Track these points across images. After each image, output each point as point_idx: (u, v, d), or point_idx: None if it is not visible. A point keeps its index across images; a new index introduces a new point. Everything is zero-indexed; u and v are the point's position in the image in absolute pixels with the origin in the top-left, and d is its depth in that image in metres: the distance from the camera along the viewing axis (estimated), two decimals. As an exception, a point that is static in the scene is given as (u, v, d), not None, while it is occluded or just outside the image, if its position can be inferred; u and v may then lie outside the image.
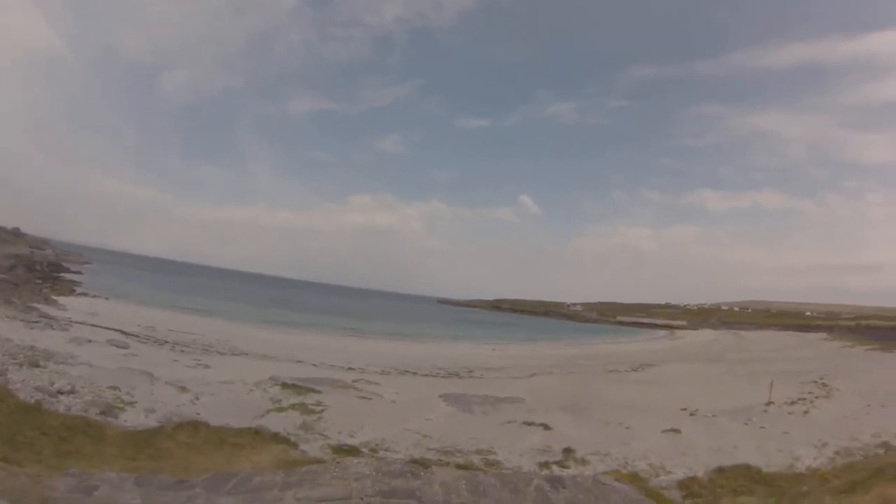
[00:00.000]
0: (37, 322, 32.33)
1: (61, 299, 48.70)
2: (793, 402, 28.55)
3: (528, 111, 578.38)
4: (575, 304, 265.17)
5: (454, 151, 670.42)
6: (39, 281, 61.73)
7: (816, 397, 30.09)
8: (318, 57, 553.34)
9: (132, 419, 16.07)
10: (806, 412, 26.34)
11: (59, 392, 16.79)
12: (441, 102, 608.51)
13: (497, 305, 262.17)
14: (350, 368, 35.70)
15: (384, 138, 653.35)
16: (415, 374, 37.36)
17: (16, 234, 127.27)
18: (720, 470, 16.10)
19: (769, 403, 28.13)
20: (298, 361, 35.98)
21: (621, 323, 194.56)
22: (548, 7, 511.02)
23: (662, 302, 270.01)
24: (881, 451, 18.84)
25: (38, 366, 20.16)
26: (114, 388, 19.60)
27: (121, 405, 17.51)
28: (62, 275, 79.11)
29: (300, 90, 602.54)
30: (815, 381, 36.10)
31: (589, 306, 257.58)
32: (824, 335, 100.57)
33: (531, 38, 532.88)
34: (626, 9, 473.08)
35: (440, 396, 27.95)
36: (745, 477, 15.34)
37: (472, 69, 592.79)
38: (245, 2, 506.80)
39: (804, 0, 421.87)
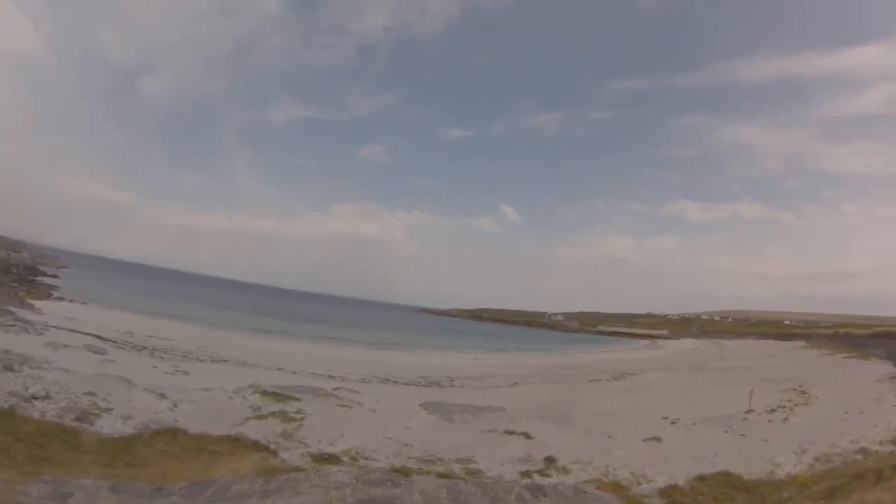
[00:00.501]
0: (12, 326, 31.72)
1: (37, 303, 47.87)
2: (772, 410, 28.86)
3: (512, 121, 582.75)
4: (556, 314, 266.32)
5: (437, 161, 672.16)
6: (15, 284, 60.75)
7: (796, 405, 30.42)
8: (302, 63, 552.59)
9: (109, 426, 15.79)
10: (785, 419, 26.62)
11: (34, 397, 16.47)
12: (425, 112, 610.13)
13: (478, 315, 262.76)
14: (331, 376, 35.48)
15: (367, 147, 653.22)
16: (395, 382, 37.20)
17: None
18: (701, 478, 16.16)
19: (749, 411, 28.38)
20: (279, 369, 35.71)
21: (602, 332, 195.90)
22: (532, 18, 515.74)
23: (643, 312, 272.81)
24: (860, 457, 19.06)
25: (12, 370, 19.78)
26: (90, 394, 19.28)
27: (97, 411, 17.21)
28: (39, 278, 77.94)
29: (283, 96, 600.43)
30: (795, 389, 36.54)
31: (570, 316, 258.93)
32: (803, 343, 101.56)
33: (515, 48, 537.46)
34: (609, 21, 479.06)
35: (421, 405, 27.82)
36: (726, 484, 15.41)
37: (456, 79, 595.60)
38: (229, 5, 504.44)
39: (784, 15, 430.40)
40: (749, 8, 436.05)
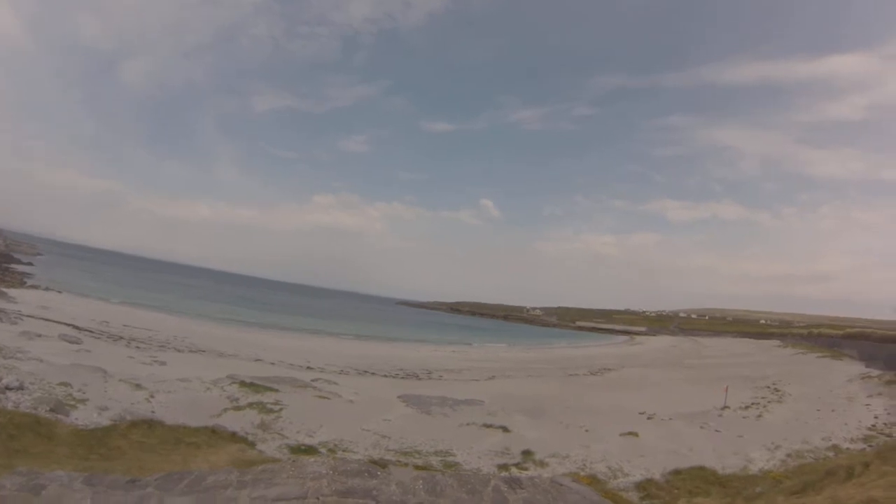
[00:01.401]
0: (-16, 315, 31.23)
1: (11, 291, 47.11)
2: (747, 407, 29.28)
3: (494, 115, 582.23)
4: (534, 308, 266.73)
5: (418, 153, 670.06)
6: (-12, 272, 59.78)
7: (769, 402, 30.89)
8: (285, 53, 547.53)
9: (84, 417, 15.61)
10: (759, 416, 27.02)
11: (7, 388, 16.22)
12: (407, 104, 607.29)
13: (456, 308, 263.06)
14: (309, 368, 35.36)
15: (349, 138, 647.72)
16: (374, 374, 37.14)
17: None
18: (677, 472, 16.39)
19: (724, 408, 28.76)
20: (257, 360, 35.49)
21: (581, 328, 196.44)
22: (517, 13, 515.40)
23: (622, 308, 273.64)
24: (831, 454, 19.44)
25: (-16, 360, 19.49)
26: (65, 384, 19.04)
27: (72, 402, 17.00)
28: (12, 266, 76.85)
29: (265, 86, 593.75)
30: (769, 387, 37.09)
31: (549, 310, 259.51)
32: (778, 342, 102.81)
33: (499, 43, 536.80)
34: (595, 19, 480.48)
35: (399, 397, 27.87)
36: (701, 478, 15.64)
37: (439, 72, 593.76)
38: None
39: (768, 21, 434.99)
40: (733, 13, 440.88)
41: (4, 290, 46.96)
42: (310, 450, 16.62)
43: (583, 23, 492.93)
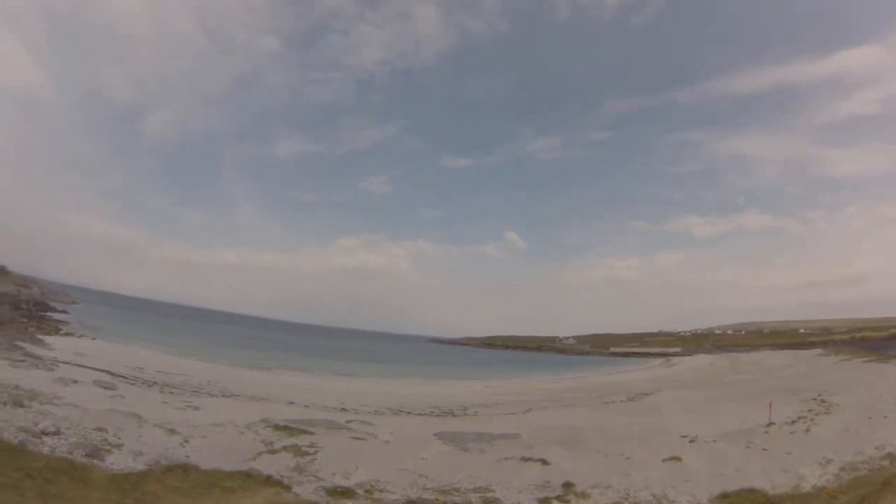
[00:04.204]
0: (22, 361, 31.78)
1: (47, 339, 48.15)
2: (793, 421, 28.41)
3: (511, 148, 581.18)
4: (567, 338, 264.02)
5: (439, 190, 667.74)
6: (25, 320, 61.27)
7: (817, 414, 29.97)
8: (301, 98, 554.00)
9: (119, 462, 15.56)
10: (807, 430, 26.19)
11: (44, 433, 16.29)
12: (425, 142, 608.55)
13: (489, 342, 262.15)
14: (343, 409, 35.20)
15: (369, 179, 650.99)
16: (409, 413, 36.86)
17: (1, 271, 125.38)
18: (724, 496, 15.85)
19: (770, 424, 27.91)
20: (290, 403, 35.45)
21: (615, 354, 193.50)
22: (525, 45, 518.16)
23: (655, 330, 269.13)
24: (886, 463, 18.69)
25: (22, 406, 19.67)
26: (100, 429, 19.07)
27: (107, 447, 16.98)
28: (48, 314, 78.49)
29: (284, 132, 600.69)
30: (814, 398, 35.99)
31: (582, 339, 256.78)
32: (819, 351, 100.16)
33: (510, 75, 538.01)
34: (602, 43, 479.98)
35: (435, 435, 27.50)
36: (751, 501, 15.12)
37: (453, 108, 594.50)
38: (227, 44, 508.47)
39: (772, 25, 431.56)
40: (738, 21, 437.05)
41: (41, 337, 48.10)
42: (347, 492, 16.39)
43: (591, 48, 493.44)
